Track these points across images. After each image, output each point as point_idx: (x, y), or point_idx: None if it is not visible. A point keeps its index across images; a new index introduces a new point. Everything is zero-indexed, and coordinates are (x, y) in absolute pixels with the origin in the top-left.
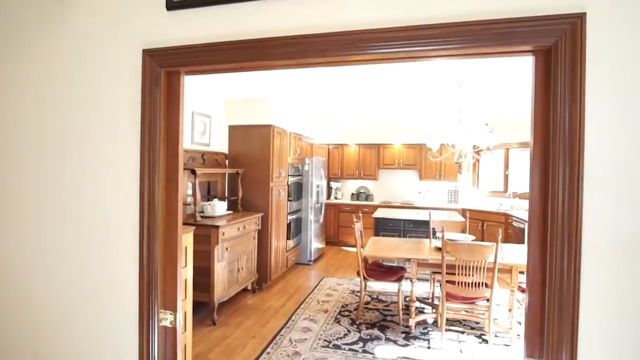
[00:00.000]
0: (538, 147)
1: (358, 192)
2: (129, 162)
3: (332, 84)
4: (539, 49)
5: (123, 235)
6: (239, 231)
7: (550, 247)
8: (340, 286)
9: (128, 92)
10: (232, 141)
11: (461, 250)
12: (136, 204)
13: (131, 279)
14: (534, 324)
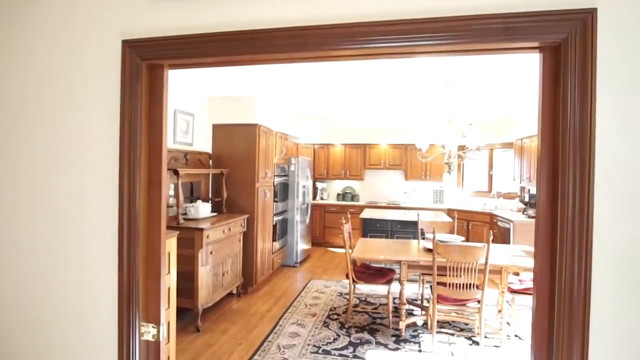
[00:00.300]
0: (546, 148)
1: (344, 193)
2: (107, 165)
3: (320, 82)
4: (547, 46)
5: (101, 243)
6: (223, 234)
7: (560, 253)
8: (328, 289)
9: (106, 88)
10: (216, 141)
11: (452, 251)
12: (115, 209)
13: (110, 290)
14: (540, 333)
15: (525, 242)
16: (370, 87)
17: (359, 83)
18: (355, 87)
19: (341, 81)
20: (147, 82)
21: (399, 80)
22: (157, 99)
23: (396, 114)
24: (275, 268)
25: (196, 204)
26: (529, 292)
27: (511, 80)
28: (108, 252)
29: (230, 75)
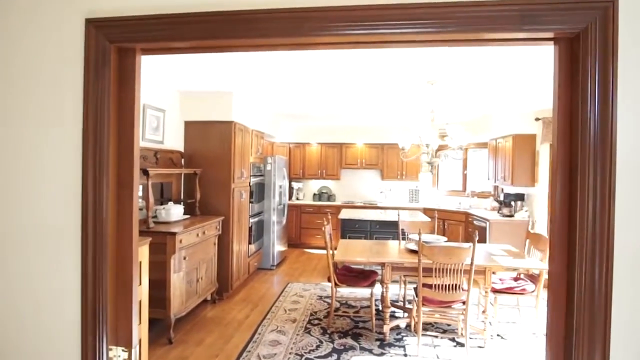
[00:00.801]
0: (562, 148)
1: (320, 193)
2: (69, 166)
3: (299, 78)
4: (563, 37)
5: (62, 257)
6: (198, 237)
7: (579, 257)
8: (307, 292)
9: (67, 75)
10: (188, 138)
11: (438, 253)
12: (78, 217)
13: (72, 309)
14: (556, 341)
15: (501, 240)
16: (350, 84)
17: (339, 80)
18: (335, 84)
19: (321, 78)
20: (117, 68)
21: (381, 78)
22: (129, 89)
23: (374, 113)
24: (252, 272)
25: (167, 206)
26: (511, 292)
27: (493, 78)
28: (69, 266)
29: (205, 69)
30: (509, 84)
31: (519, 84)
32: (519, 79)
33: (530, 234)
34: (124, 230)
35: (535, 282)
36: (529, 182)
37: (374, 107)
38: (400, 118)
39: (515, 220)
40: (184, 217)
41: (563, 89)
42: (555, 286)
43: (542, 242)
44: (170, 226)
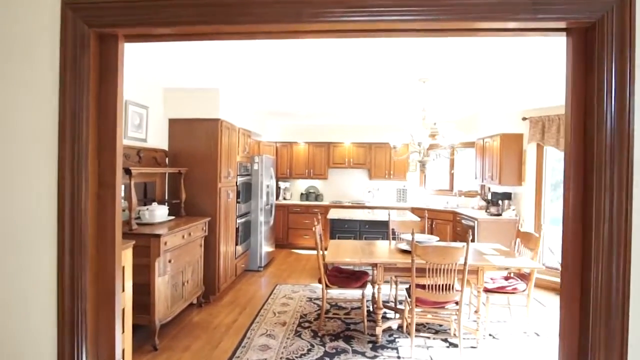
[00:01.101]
0: (576, 144)
1: (307, 192)
2: (43, 164)
3: (289, 74)
4: (576, 27)
5: (34, 266)
6: (183, 239)
7: (595, 259)
8: (296, 294)
9: (41, 64)
10: (173, 137)
11: (432, 253)
12: (54, 219)
13: (46, 323)
14: (570, 343)
15: (489, 239)
16: (340, 81)
17: (329, 77)
18: (324, 81)
19: (310, 74)
20: (97, 56)
21: (372, 76)
22: (110, 80)
23: (363, 111)
24: (239, 273)
25: (151, 207)
26: (502, 291)
27: (483, 77)
28: (43, 274)
29: (190, 63)
30: (498, 82)
31: (507, 83)
32: (507, 78)
33: (520, 232)
34: (105, 232)
35: (526, 281)
36: (516, 182)
37: (363, 105)
38: (389, 117)
39: (503, 219)
40: (169, 218)
41: (576, 83)
42: (569, 286)
43: (532, 241)
44: (154, 228)
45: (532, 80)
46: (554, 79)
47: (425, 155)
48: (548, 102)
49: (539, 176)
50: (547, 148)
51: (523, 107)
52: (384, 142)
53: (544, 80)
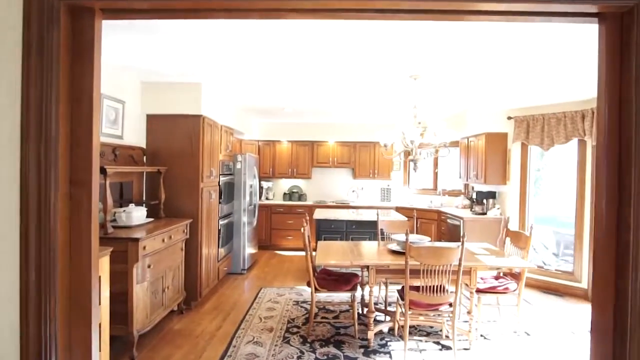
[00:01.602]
0: (610, 142)
1: (291, 192)
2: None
3: (271, 67)
4: (609, 12)
5: None
6: (163, 243)
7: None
8: (282, 297)
9: (2, 43)
10: (151, 133)
11: (426, 254)
12: (16, 224)
13: (9, 351)
14: (604, 339)
15: (475, 238)
16: (328, 78)
17: (315, 72)
18: (310, 77)
19: (296, 69)
20: (69, 33)
21: (360, 72)
22: (85, 62)
23: (349, 109)
24: (221, 277)
25: (128, 209)
26: (494, 291)
27: (471, 76)
28: (2, 294)
29: (170, 54)
30: (487, 80)
31: (495, 82)
32: (495, 76)
33: (510, 231)
34: (80, 238)
35: (517, 281)
36: (500, 181)
37: (351, 103)
38: (375, 116)
39: (488, 218)
40: (147, 220)
41: (609, 76)
42: (602, 286)
43: (522, 240)
44: (131, 231)
45: (519, 79)
46: (540, 78)
47: (417, 154)
48: (533, 101)
49: (524, 175)
50: (531, 147)
51: (508, 106)
52: (369, 141)
53: (529, 79)
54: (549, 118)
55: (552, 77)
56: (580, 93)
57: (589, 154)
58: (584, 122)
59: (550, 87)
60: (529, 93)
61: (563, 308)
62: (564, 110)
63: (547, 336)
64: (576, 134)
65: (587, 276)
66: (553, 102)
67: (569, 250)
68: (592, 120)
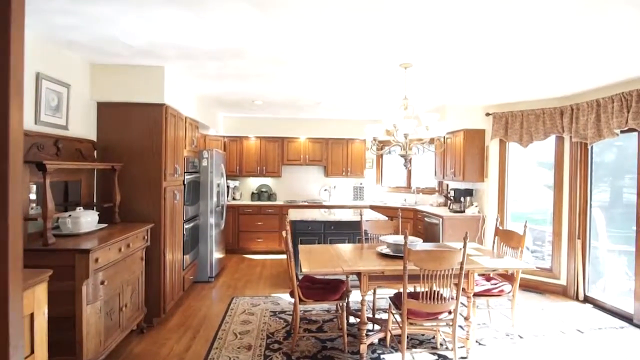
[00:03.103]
0: None
1: (259, 191)
2: None
3: (242, 52)
4: None
5: None
6: (120, 253)
7: None
8: (257, 308)
9: None
10: (104, 124)
11: (426, 258)
12: None
13: None
14: None
15: (454, 236)
16: (310, 66)
17: (296, 57)
18: (291, 64)
19: (273, 54)
20: None
21: (346, 60)
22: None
23: (332, 101)
24: (187, 287)
25: (75, 213)
26: (489, 294)
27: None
28: None
29: (124, 28)
30: (466, 74)
31: (473, 77)
32: (475, 71)
33: (500, 230)
34: None
35: (510, 282)
36: (478, 178)
37: (333, 94)
38: (350, 111)
39: (466, 215)
40: (100, 226)
41: None
42: None
43: (515, 239)
44: (80, 240)
45: (499, 74)
46: (520, 73)
47: (408, 149)
48: (511, 97)
49: (502, 172)
50: (510, 144)
51: (486, 102)
52: (342, 138)
53: (509, 74)
54: (527, 114)
55: (532, 73)
56: (559, 90)
57: (567, 151)
58: (562, 118)
59: (530, 83)
60: (508, 89)
61: (546, 306)
62: (542, 107)
63: (540, 338)
64: (555, 131)
65: (566, 273)
66: (532, 98)
67: (538, 247)
68: (572, 117)
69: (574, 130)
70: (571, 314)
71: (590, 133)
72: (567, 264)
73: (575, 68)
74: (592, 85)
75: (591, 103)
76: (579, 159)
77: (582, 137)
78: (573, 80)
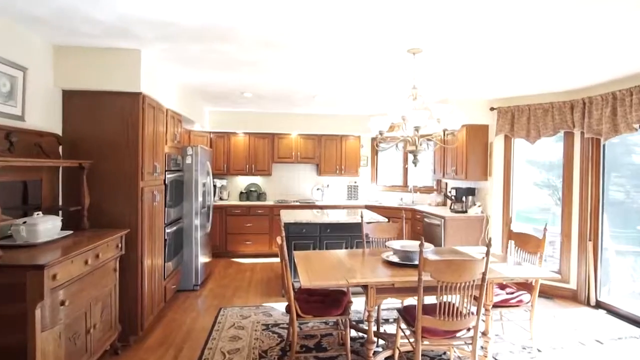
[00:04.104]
0: None
1: (248, 191)
2: None
3: (230, 34)
4: None
5: None
6: (87, 266)
7: None
8: (247, 320)
9: None
10: (70, 116)
11: (445, 269)
12: None
13: None
14: None
15: (457, 239)
16: (304, 54)
17: (290, 44)
18: (286, 50)
19: (267, 38)
20: None
21: (348, 45)
22: None
23: (330, 93)
24: (169, 298)
25: (32, 219)
26: (507, 305)
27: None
28: None
29: (94, 7)
30: (471, 66)
31: (478, 69)
32: (479, 64)
33: (514, 233)
34: None
35: (529, 291)
36: (481, 176)
37: (333, 84)
38: (345, 105)
39: (469, 216)
40: (63, 234)
41: None
42: None
43: (532, 243)
44: (35, 252)
45: (505, 65)
46: (528, 65)
47: (419, 144)
48: (517, 91)
49: (507, 170)
50: (515, 140)
51: (490, 96)
52: (336, 134)
53: (516, 66)
54: (535, 109)
55: (541, 65)
56: (569, 82)
57: (577, 147)
58: (573, 113)
59: (537, 76)
60: (514, 81)
61: (558, 313)
62: (551, 101)
63: (559, 351)
64: (564, 126)
65: (577, 277)
66: (539, 91)
67: None
68: (583, 111)
69: (587, 125)
70: (585, 321)
71: (605, 128)
72: (577, 267)
73: (588, 59)
74: (606, 78)
75: (606, 96)
76: (591, 156)
77: (595, 133)
78: (585, 72)
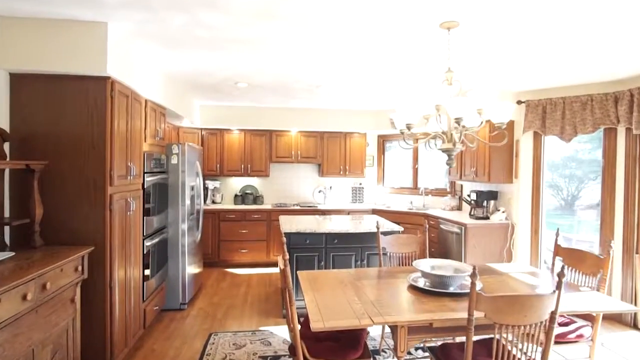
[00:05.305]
0: None
1: (244, 194)
2: None
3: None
4: None
5: None
6: (26, 302)
7: None
8: (241, 350)
9: None
10: (20, 105)
11: (506, 309)
12: None
13: None
14: None
15: (480, 251)
16: (310, 29)
17: (294, 14)
18: (284, 24)
19: (265, 7)
20: None
21: (364, 25)
22: None
23: (338, 84)
24: (151, 321)
25: None
26: (564, 340)
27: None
28: None
29: None
30: (495, 57)
31: (503, 55)
32: (507, 51)
33: (562, 249)
34: None
35: (590, 322)
36: (507, 178)
37: (334, 74)
38: (350, 99)
39: (492, 223)
40: (4, 255)
41: None
42: None
43: (588, 262)
44: None
45: (535, 52)
46: (562, 50)
47: (456, 140)
48: (549, 82)
49: (537, 171)
50: (545, 138)
51: (517, 87)
52: (339, 131)
53: (548, 52)
54: (571, 102)
55: (580, 49)
56: (612, 71)
57: (621, 145)
58: (617, 106)
59: (575, 63)
60: (546, 70)
61: (605, 340)
62: (589, 93)
63: None
64: (607, 121)
65: (620, 295)
66: (574, 82)
67: None
68: (631, 104)
69: (636, 120)
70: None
71: None
72: (621, 283)
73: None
74: None
75: None
76: (639, 156)
77: None
78: (633, 58)
